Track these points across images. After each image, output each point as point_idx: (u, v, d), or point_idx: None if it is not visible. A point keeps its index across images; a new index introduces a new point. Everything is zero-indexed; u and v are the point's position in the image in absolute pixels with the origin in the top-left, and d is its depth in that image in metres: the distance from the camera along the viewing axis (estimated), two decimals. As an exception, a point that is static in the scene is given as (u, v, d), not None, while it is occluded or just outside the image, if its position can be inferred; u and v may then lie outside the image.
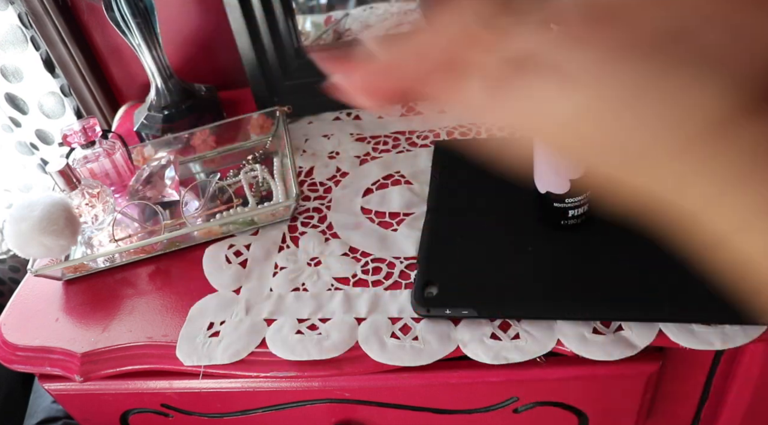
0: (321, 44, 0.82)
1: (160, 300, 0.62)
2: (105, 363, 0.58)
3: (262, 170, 0.72)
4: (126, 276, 0.66)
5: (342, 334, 0.54)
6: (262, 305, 0.59)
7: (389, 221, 0.65)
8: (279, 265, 0.63)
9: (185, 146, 0.79)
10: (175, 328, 0.58)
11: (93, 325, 0.61)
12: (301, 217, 0.67)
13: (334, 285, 0.59)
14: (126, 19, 0.74)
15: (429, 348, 0.52)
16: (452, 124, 0.76)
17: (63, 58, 0.87)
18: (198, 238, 0.67)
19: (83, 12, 0.88)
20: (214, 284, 0.62)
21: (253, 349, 0.55)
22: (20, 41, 0.79)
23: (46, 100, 0.84)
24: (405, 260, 0.60)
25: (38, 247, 0.62)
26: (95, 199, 0.67)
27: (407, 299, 0.56)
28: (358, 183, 0.70)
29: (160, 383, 0.58)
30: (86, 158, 0.70)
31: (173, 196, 0.70)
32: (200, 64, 0.92)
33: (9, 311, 0.65)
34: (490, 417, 0.58)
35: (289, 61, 0.80)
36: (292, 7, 0.77)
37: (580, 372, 0.52)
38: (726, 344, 0.48)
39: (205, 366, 0.55)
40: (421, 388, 0.55)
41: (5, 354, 0.61)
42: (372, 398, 0.57)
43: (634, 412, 0.56)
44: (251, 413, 0.61)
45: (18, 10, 0.78)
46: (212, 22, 0.87)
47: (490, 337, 0.52)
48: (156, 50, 0.78)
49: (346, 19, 0.82)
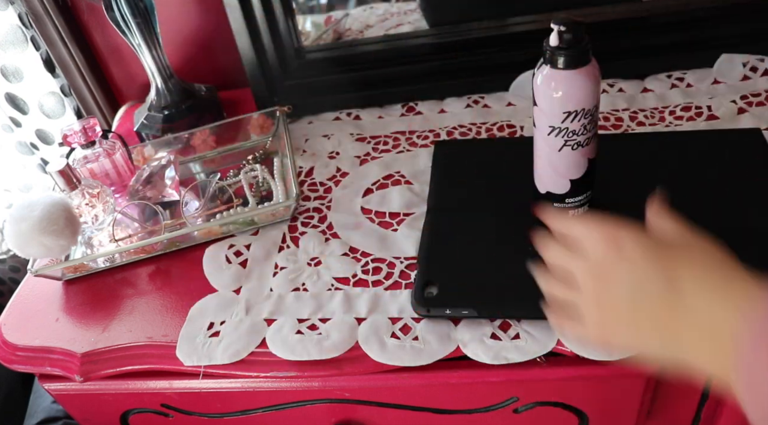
0: (321, 44, 0.82)
1: (160, 300, 0.62)
2: (105, 363, 0.58)
3: (262, 170, 0.72)
4: (126, 276, 0.66)
5: (342, 334, 0.54)
6: (262, 305, 0.59)
7: (389, 221, 0.65)
8: (279, 265, 0.63)
9: (185, 146, 0.79)
10: (175, 328, 0.58)
11: (93, 325, 0.61)
12: (301, 217, 0.67)
13: (334, 285, 0.59)
14: (126, 19, 0.74)
15: (429, 348, 0.52)
16: (452, 124, 0.76)
17: (63, 58, 0.87)
18: (198, 238, 0.67)
19: (83, 12, 0.88)
20: (214, 284, 0.62)
21: (253, 349, 0.55)
22: (20, 41, 0.79)
23: (46, 100, 0.84)
24: (405, 260, 0.60)
25: (38, 247, 0.62)
26: (95, 199, 0.67)
27: (407, 299, 0.56)
28: (358, 183, 0.70)
29: (160, 383, 0.58)
30: (86, 158, 0.70)
31: (173, 196, 0.70)
32: (200, 64, 0.92)
33: (9, 311, 0.65)
34: (490, 417, 0.58)
35: (289, 61, 0.80)
36: (292, 7, 0.77)
37: (580, 372, 0.52)
38: (726, 344, 0.48)
39: (205, 366, 0.55)
40: (421, 388, 0.55)
41: (5, 354, 0.61)
42: (372, 398, 0.57)
43: (634, 412, 0.56)
44: (251, 413, 0.61)
45: (18, 10, 0.78)
46: (212, 22, 0.87)
47: (490, 337, 0.52)
48: (156, 50, 0.78)
49: (346, 19, 0.82)
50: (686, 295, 0.37)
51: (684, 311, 0.37)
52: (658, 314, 0.39)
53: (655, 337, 0.39)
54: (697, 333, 0.37)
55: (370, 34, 0.82)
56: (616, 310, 0.41)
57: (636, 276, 0.40)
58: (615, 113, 0.72)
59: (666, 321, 0.38)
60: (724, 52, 0.74)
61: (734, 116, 0.69)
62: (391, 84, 0.80)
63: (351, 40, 0.82)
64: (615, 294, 0.40)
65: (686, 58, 0.75)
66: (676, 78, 0.75)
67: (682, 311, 0.37)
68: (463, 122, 0.76)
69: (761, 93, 0.71)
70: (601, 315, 0.42)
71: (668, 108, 0.72)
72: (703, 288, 0.37)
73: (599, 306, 0.42)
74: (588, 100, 0.50)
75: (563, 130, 0.51)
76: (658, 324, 0.39)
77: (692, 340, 0.37)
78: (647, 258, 0.40)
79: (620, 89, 0.75)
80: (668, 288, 0.38)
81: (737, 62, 0.74)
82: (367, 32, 0.82)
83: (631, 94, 0.74)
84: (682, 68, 0.76)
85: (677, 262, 0.39)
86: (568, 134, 0.51)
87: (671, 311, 0.38)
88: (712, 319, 0.36)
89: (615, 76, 0.76)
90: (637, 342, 0.41)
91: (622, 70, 0.76)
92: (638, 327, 0.40)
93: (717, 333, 0.36)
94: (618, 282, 0.40)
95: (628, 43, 0.75)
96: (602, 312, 0.42)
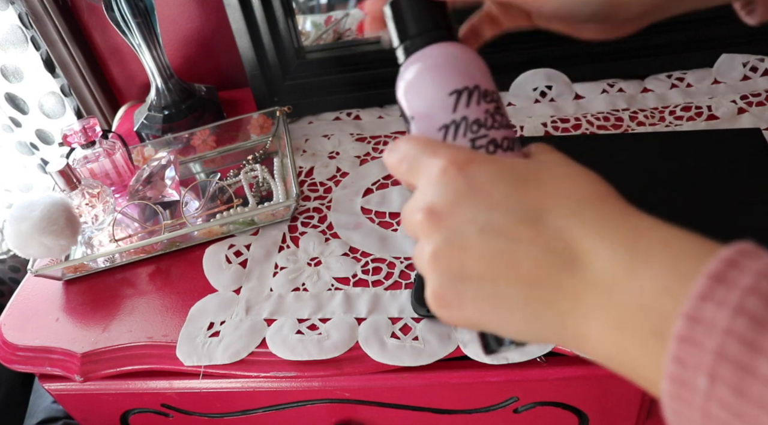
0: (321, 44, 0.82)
1: (160, 300, 0.62)
2: (105, 363, 0.58)
3: (262, 170, 0.72)
4: (126, 276, 0.66)
5: (342, 334, 0.54)
6: (262, 305, 0.59)
7: (389, 221, 0.65)
8: (279, 265, 0.63)
9: (185, 146, 0.79)
10: (175, 328, 0.58)
11: (93, 325, 0.61)
12: (302, 217, 0.67)
13: (334, 285, 0.59)
14: (126, 19, 0.74)
15: (429, 348, 0.52)
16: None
17: (63, 58, 0.87)
18: (198, 238, 0.67)
19: (83, 12, 0.88)
20: (214, 284, 0.62)
21: (253, 349, 0.55)
22: (20, 41, 0.79)
23: (47, 100, 0.84)
24: (405, 260, 0.60)
25: (38, 247, 0.62)
26: (95, 199, 0.67)
27: (407, 299, 0.56)
28: (358, 183, 0.70)
29: (160, 383, 0.58)
30: (86, 158, 0.70)
31: (173, 196, 0.70)
32: (200, 64, 0.92)
33: (9, 311, 0.65)
34: (490, 417, 0.58)
35: (289, 61, 0.80)
36: (292, 7, 0.77)
37: (581, 372, 0.52)
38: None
39: (205, 366, 0.55)
40: (421, 388, 0.55)
41: (5, 354, 0.61)
42: (372, 398, 0.57)
43: (634, 412, 0.57)
44: (251, 413, 0.61)
45: (18, 10, 0.78)
46: (212, 22, 0.87)
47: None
48: (156, 50, 0.78)
49: (346, 19, 0.82)
50: (577, 246, 0.26)
51: (574, 271, 0.25)
52: (525, 273, 0.26)
53: (521, 309, 0.27)
54: (599, 310, 0.25)
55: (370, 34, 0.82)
56: (461, 269, 0.27)
57: (490, 216, 0.27)
58: (615, 112, 0.72)
59: (540, 283, 0.26)
60: (724, 52, 0.74)
61: (734, 115, 0.69)
62: (391, 84, 0.78)
63: (351, 40, 0.82)
64: (456, 244, 0.27)
65: (686, 58, 0.75)
66: (676, 78, 0.75)
67: (567, 272, 0.25)
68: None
69: (761, 93, 0.71)
70: (439, 278, 0.29)
71: (668, 108, 0.72)
72: (602, 236, 0.25)
73: (436, 264, 0.28)
74: (476, 75, 0.33)
75: (461, 123, 0.32)
76: (526, 288, 0.26)
77: (588, 319, 0.25)
78: (507, 191, 0.27)
79: (620, 89, 0.75)
80: (543, 233, 0.26)
81: (737, 62, 0.74)
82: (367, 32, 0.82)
83: (631, 94, 0.74)
84: (682, 68, 0.76)
85: (552, 197, 0.27)
86: (471, 127, 0.32)
87: (549, 268, 0.26)
88: (628, 291, 0.24)
89: (615, 76, 0.77)
90: (489, 317, 0.28)
91: (622, 70, 0.76)
92: (494, 294, 0.27)
93: (636, 312, 0.24)
94: (460, 226, 0.27)
95: (628, 43, 0.75)
96: (440, 273, 0.28)
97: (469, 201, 0.28)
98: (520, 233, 0.27)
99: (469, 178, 0.28)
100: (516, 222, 0.27)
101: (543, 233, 0.26)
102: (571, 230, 0.26)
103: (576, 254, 0.26)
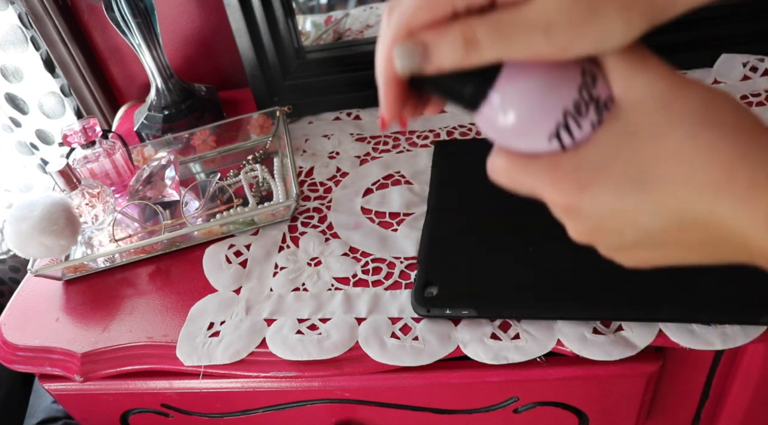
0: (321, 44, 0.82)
1: (160, 300, 0.62)
2: (105, 363, 0.58)
3: (262, 170, 0.72)
4: (126, 276, 0.66)
5: (342, 334, 0.54)
6: (262, 305, 0.59)
7: (389, 221, 0.65)
8: (279, 265, 0.63)
9: (185, 146, 0.79)
10: (175, 328, 0.58)
11: (93, 325, 0.61)
12: (301, 217, 0.67)
13: (334, 285, 0.59)
14: (126, 19, 0.74)
15: (429, 348, 0.52)
16: (452, 124, 0.76)
17: (63, 58, 0.87)
18: (198, 238, 0.67)
19: (83, 12, 0.88)
20: (214, 284, 0.62)
21: (253, 349, 0.55)
22: (20, 41, 0.79)
23: (46, 100, 0.84)
24: (405, 260, 0.60)
25: (38, 247, 0.62)
26: (95, 199, 0.67)
27: (407, 299, 0.56)
28: (358, 183, 0.70)
29: (160, 383, 0.58)
30: (86, 158, 0.70)
31: (173, 196, 0.70)
32: (200, 64, 0.92)
33: (9, 311, 0.65)
34: (490, 417, 0.58)
35: (289, 61, 0.80)
36: (292, 7, 0.77)
37: (580, 372, 0.52)
38: (726, 344, 0.48)
39: (205, 366, 0.55)
40: (421, 388, 0.55)
41: (5, 354, 0.61)
42: (372, 398, 0.57)
43: (634, 412, 0.57)
44: (251, 413, 0.61)
45: (18, 10, 0.78)
46: (212, 22, 0.87)
47: (490, 337, 0.52)
48: (156, 50, 0.78)
49: (346, 19, 0.82)
50: (738, 239, 0.27)
51: (741, 253, 0.28)
52: (697, 257, 0.29)
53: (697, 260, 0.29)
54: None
55: (370, 34, 0.82)
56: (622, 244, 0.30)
57: (636, 235, 0.29)
58: (615, 112, 0.72)
59: (714, 259, 0.29)
60: (724, 52, 0.74)
61: (734, 115, 0.69)
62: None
63: (351, 40, 0.82)
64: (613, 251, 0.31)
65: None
66: (676, 78, 0.75)
67: (737, 256, 0.28)
68: (463, 122, 0.76)
69: (761, 93, 0.71)
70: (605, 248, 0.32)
71: (668, 108, 0.72)
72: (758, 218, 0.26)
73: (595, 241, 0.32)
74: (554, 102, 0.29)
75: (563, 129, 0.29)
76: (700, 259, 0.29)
77: None
78: (636, 206, 0.28)
79: (620, 89, 0.75)
80: (697, 234, 0.28)
81: (737, 62, 0.74)
82: (367, 32, 0.82)
83: (631, 94, 0.74)
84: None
85: (682, 188, 0.27)
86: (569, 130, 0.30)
87: (718, 257, 0.29)
88: None
89: (615, 76, 0.76)
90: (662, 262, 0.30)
91: (622, 70, 0.76)
92: (666, 257, 0.30)
93: None
94: (609, 245, 0.31)
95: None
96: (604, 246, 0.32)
97: (605, 233, 0.30)
98: (670, 237, 0.28)
99: (592, 217, 0.29)
100: (662, 232, 0.28)
101: (696, 234, 0.28)
102: (726, 221, 0.26)
103: (739, 245, 0.27)
